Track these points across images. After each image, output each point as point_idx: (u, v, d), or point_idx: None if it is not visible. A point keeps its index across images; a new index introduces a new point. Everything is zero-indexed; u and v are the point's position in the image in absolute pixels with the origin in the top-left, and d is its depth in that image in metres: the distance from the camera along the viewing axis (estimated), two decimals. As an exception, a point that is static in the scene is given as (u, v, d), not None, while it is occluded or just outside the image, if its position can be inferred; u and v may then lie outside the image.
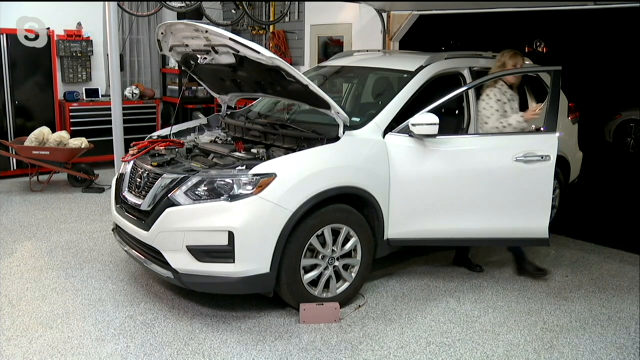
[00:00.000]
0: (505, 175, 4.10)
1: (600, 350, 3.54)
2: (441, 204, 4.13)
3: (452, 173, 4.10)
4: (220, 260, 3.52)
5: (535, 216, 4.17)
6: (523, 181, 4.11)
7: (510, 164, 4.09)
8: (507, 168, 4.09)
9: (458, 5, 6.74)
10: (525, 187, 4.12)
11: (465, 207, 4.15)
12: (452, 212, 4.16)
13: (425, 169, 4.09)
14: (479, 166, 4.12)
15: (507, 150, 4.11)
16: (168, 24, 4.17)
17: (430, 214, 4.14)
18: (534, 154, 4.09)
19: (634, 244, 5.41)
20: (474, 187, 4.12)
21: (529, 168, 4.08)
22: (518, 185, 4.12)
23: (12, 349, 3.36)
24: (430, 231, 4.17)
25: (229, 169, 3.68)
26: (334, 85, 5.28)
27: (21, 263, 4.65)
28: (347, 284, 3.96)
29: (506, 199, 4.15)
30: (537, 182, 4.11)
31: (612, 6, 5.81)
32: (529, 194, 4.14)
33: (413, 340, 3.59)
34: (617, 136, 10.88)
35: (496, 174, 4.11)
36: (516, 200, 4.15)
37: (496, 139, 4.25)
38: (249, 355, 3.37)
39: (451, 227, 4.19)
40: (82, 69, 8.63)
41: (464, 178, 4.11)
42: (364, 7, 7.59)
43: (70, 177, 7.16)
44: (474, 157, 4.14)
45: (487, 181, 4.12)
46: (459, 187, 4.12)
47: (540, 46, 14.20)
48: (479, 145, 4.21)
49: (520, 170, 4.08)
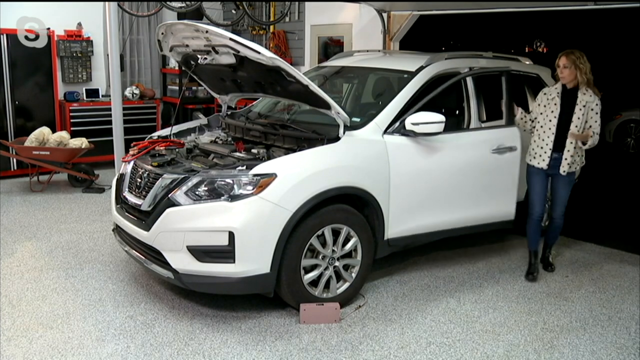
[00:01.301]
0: (486, 165, 4.52)
1: (600, 350, 3.54)
2: (437, 198, 4.34)
3: (448, 168, 4.33)
4: (220, 260, 3.52)
5: (506, 200, 4.67)
6: (498, 170, 4.57)
7: (489, 155, 4.52)
8: (488, 159, 4.52)
9: (458, 5, 6.74)
10: (499, 175, 4.60)
11: (457, 198, 4.44)
12: (447, 205, 4.39)
13: (424, 167, 4.21)
14: (469, 160, 4.44)
15: (487, 143, 4.53)
16: (168, 24, 4.17)
17: (427, 210, 4.29)
18: (504, 145, 4.57)
19: (634, 244, 5.41)
20: (465, 179, 4.43)
21: (502, 158, 4.56)
22: (495, 174, 4.57)
23: (12, 349, 3.36)
24: (426, 226, 4.33)
25: (229, 169, 3.68)
26: (334, 85, 5.28)
27: (21, 263, 4.65)
28: (347, 284, 3.96)
29: (488, 187, 4.56)
30: (507, 170, 4.61)
31: (612, 6, 5.82)
32: (502, 181, 4.62)
33: (413, 340, 3.59)
34: (617, 136, 10.89)
35: (480, 166, 4.50)
36: (494, 187, 4.59)
37: (478, 133, 4.57)
38: (249, 355, 3.37)
39: (445, 218, 4.42)
40: (82, 69, 8.63)
41: (457, 172, 4.38)
42: (364, 7, 7.59)
43: (70, 177, 7.16)
44: (465, 151, 4.44)
45: (475, 172, 4.47)
46: (453, 180, 4.37)
47: (540, 46, 14.20)
48: (468, 140, 4.51)
49: (496, 160, 4.54)
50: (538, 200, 4.56)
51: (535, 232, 4.64)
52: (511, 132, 4.64)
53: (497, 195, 4.63)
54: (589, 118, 4.31)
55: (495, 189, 4.60)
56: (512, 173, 4.64)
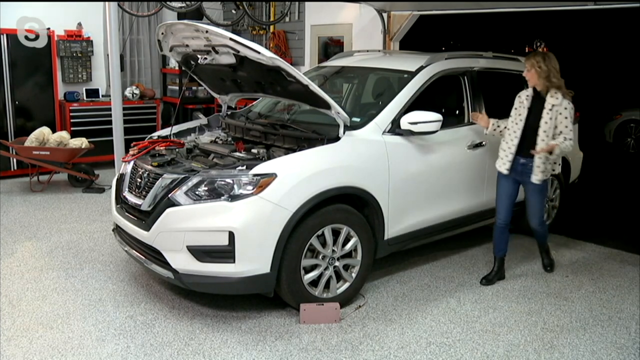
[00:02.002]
0: (466, 161, 4.71)
1: (600, 350, 3.54)
2: (431, 195, 4.45)
3: (441, 165, 4.48)
4: (221, 260, 3.52)
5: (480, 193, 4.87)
6: (473, 164, 4.77)
7: (465, 151, 4.70)
8: (465, 155, 4.70)
9: (458, 5, 6.74)
10: (474, 169, 4.79)
11: (448, 193, 4.60)
12: (440, 200, 4.53)
13: (424, 166, 4.27)
14: (456, 156, 4.62)
15: (464, 140, 4.70)
16: (168, 24, 4.17)
17: (425, 206, 4.42)
18: (475, 142, 4.74)
19: (634, 244, 5.41)
20: (453, 174, 4.61)
21: (475, 153, 4.76)
22: (471, 168, 4.76)
23: (12, 349, 3.36)
24: (423, 221, 4.45)
25: (229, 169, 3.68)
26: (334, 85, 5.28)
27: (21, 263, 4.65)
28: (347, 284, 3.96)
29: (467, 181, 4.76)
30: (479, 165, 4.80)
31: (612, 6, 5.82)
32: (476, 175, 4.82)
33: (413, 340, 3.59)
34: (617, 136, 10.88)
35: (462, 161, 4.69)
36: (471, 180, 4.78)
37: (456, 130, 4.73)
38: (249, 355, 3.37)
39: (439, 212, 4.55)
40: (82, 69, 8.62)
41: (448, 168, 4.54)
42: (364, 7, 7.59)
43: (70, 177, 7.16)
44: (453, 147, 4.61)
45: (459, 167, 4.66)
46: (445, 177, 4.53)
47: (540, 46, 14.20)
48: (454, 136, 4.66)
49: (471, 155, 4.74)
50: (502, 206, 4.41)
51: (500, 238, 4.47)
52: (478, 129, 4.76)
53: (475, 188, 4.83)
54: (558, 122, 4.11)
55: (474, 181, 4.80)
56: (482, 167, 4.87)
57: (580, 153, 6.04)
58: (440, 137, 4.39)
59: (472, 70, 4.84)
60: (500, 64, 5.17)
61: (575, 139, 5.89)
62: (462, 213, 4.77)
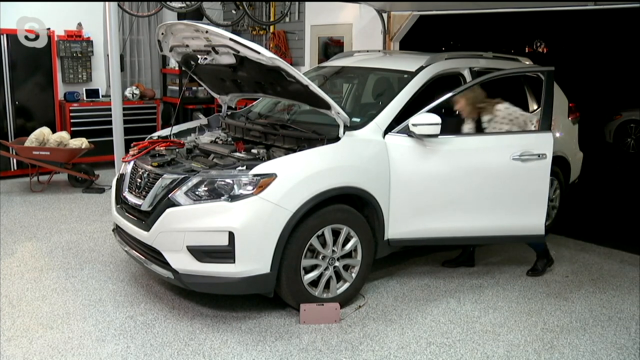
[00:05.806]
0: (503, 173, 4.19)
1: (600, 351, 3.54)
2: (440, 203, 4.16)
3: (451, 172, 4.14)
4: (221, 260, 3.52)
5: (531, 213, 4.26)
6: (520, 179, 4.19)
7: (508, 162, 4.16)
8: (505, 166, 4.17)
9: (458, 5, 6.74)
10: (522, 185, 4.21)
11: (464, 205, 4.20)
12: (451, 211, 4.19)
13: (425, 169, 4.11)
14: (477, 165, 4.17)
15: (504, 149, 4.19)
16: (168, 24, 4.17)
17: (429, 214, 4.16)
18: (530, 152, 4.17)
19: (634, 244, 5.41)
20: (473, 185, 4.18)
21: (526, 166, 4.17)
22: (515, 183, 4.20)
23: (12, 349, 3.36)
24: (430, 230, 4.19)
25: (229, 169, 3.68)
26: (334, 86, 5.28)
27: (21, 263, 4.65)
28: (347, 284, 3.96)
29: (504, 197, 4.22)
30: (534, 180, 4.21)
31: (612, 6, 5.82)
32: (526, 192, 4.23)
33: (413, 340, 3.59)
34: (617, 136, 10.89)
35: (494, 173, 4.19)
36: (513, 197, 4.23)
37: (494, 138, 4.30)
38: (249, 355, 3.37)
39: (450, 225, 4.22)
40: (82, 69, 8.63)
41: (463, 177, 4.16)
42: (364, 7, 7.59)
43: (70, 177, 7.16)
44: (472, 156, 4.19)
45: (486, 180, 4.19)
46: (459, 186, 4.16)
47: (540, 46, 14.21)
48: (478, 144, 4.25)
49: (518, 168, 4.17)
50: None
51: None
52: (541, 138, 4.21)
53: (518, 207, 4.24)
54: None
55: (517, 199, 4.22)
56: (541, 183, 4.20)
57: (581, 153, 6.03)
58: (466, 142, 4.21)
59: (473, 71, 4.83)
60: (500, 64, 5.16)
61: (575, 139, 5.91)
62: (493, 232, 4.27)
